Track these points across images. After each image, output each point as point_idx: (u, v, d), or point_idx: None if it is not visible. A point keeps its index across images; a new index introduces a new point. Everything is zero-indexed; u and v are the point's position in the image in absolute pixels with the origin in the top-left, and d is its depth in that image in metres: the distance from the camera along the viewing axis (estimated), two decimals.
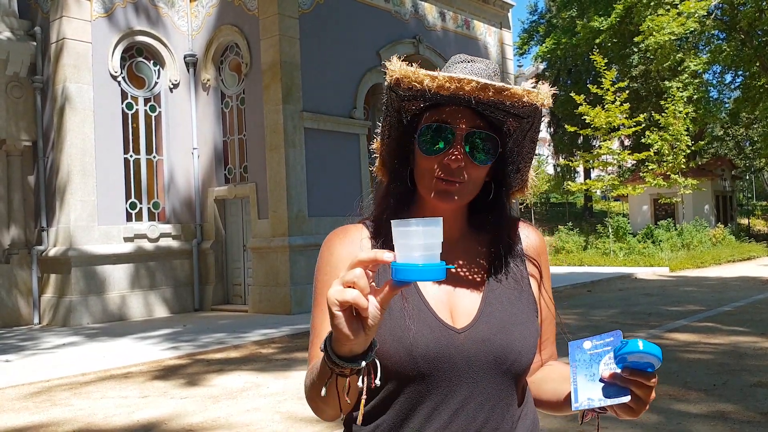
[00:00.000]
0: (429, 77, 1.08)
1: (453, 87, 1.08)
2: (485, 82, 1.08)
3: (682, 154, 24.54)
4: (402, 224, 0.91)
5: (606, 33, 27.64)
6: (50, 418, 5.41)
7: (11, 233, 11.65)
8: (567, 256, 21.99)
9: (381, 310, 0.91)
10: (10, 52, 11.34)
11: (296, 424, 4.94)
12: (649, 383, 1.01)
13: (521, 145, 1.23)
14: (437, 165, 1.15)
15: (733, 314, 9.93)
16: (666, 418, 4.79)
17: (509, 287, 1.20)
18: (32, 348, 8.86)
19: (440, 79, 1.08)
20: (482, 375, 1.13)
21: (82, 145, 11.31)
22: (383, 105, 1.22)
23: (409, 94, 1.14)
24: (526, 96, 1.08)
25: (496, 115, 1.16)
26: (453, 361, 1.12)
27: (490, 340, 1.14)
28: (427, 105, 1.19)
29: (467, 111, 1.15)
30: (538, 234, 1.32)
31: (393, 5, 13.80)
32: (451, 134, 1.15)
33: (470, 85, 1.07)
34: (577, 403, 1.05)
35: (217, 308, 12.58)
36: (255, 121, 11.97)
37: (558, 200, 45.23)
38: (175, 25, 12.89)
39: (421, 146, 1.17)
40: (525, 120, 1.18)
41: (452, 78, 1.07)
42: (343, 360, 0.94)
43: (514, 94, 1.08)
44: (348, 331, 0.90)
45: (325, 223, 11.68)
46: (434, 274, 0.89)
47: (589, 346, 1.07)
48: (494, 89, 1.07)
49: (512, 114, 1.16)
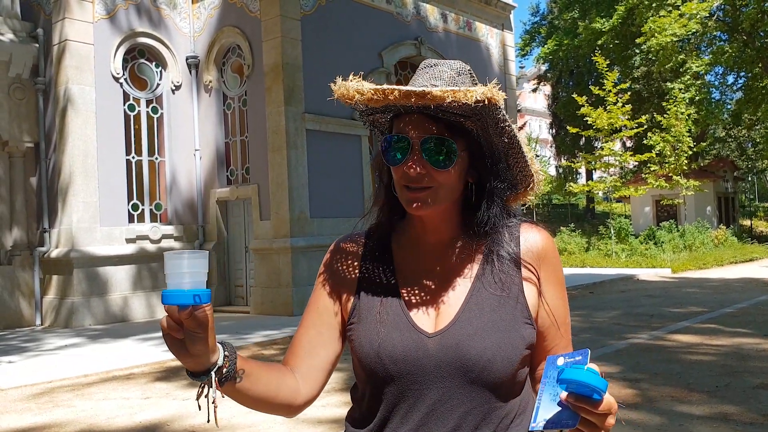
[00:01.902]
0: (358, 92, 1.12)
1: (379, 98, 1.11)
2: (406, 89, 1.08)
3: (684, 155, 24.52)
4: (172, 257, 1.01)
5: (608, 34, 27.62)
6: (53, 420, 5.42)
7: (13, 234, 11.67)
8: (569, 258, 21.97)
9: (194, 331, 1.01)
10: (12, 53, 11.36)
11: (298, 426, 4.94)
12: (595, 411, 0.96)
13: (491, 141, 1.19)
14: (401, 174, 1.17)
15: (736, 316, 9.91)
16: (668, 419, 4.78)
17: (494, 292, 1.18)
18: (34, 349, 8.87)
19: (367, 92, 1.11)
20: (452, 381, 1.13)
21: (84, 146, 11.33)
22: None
23: (364, 109, 1.18)
24: (449, 96, 1.06)
25: (449, 118, 1.14)
26: (421, 364, 1.14)
27: (460, 345, 1.13)
28: (392, 116, 1.21)
29: (422, 118, 1.15)
30: (544, 235, 1.25)
31: (395, 7, 13.81)
32: (406, 143, 1.16)
33: (393, 94, 1.09)
34: (534, 423, 1.00)
35: (219, 309, 12.57)
36: (257, 123, 11.98)
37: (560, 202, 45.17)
38: (177, 27, 12.90)
39: (385, 158, 1.19)
40: (475, 119, 1.14)
41: (377, 90, 1.10)
42: (192, 375, 1.08)
43: (434, 97, 1.07)
44: (173, 352, 1.04)
45: (327, 224, 11.68)
46: (200, 298, 0.99)
47: (561, 363, 1.02)
48: (415, 95, 1.08)
49: (457, 114, 1.12)
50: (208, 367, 1.06)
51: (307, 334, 1.27)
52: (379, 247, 1.28)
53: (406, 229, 1.28)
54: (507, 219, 1.24)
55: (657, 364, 6.67)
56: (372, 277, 1.25)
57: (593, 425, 0.98)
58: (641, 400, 5.33)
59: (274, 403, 1.21)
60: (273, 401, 1.20)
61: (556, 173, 45.42)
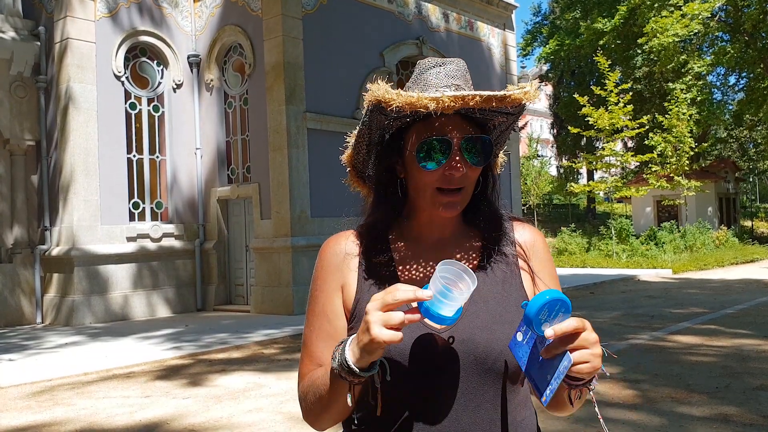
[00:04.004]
0: (434, 101, 1.10)
1: (457, 105, 1.11)
2: (488, 95, 1.11)
3: (685, 156, 24.50)
4: (450, 280, 1.01)
5: (610, 34, 27.59)
6: (53, 418, 5.42)
7: (14, 232, 11.67)
8: (570, 258, 21.96)
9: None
10: (14, 51, 11.36)
11: (298, 425, 4.94)
12: (571, 330, 0.99)
13: (504, 135, 1.28)
14: (438, 177, 1.18)
15: (736, 317, 9.91)
16: (668, 420, 4.78)
17: (497, 285, 1.21)
18: (35, 347, 8.88)
19: (445, 100, 1.10)
20: (465, 374, 1.15)
21: (86, 144, 11.33)
22: (362, 123, 1.24)
23: (398, 114, 1.16)
24: (524, 98, 1.13)
25: (485, 116, 1.19)
26: (433, 359, 1.15)
27: (471, 339, 1.15)
28: (411, 120, 1.20)
29: (456, 118, 1.18)
30: (533, 230, 1.32)
31: (396, 6, 13.81)
32: (447, 146, 1.17)
33: (474, 100, 1.10)
34: (544, 397, 1.01)
35: (220, 308, 12.58)
36: (258, 122, 11.98)
37: (561, 202, 45.18)
38: (178, 26, 12.90)
39: (421, 162, 1.18)
40: (512, 116, 1.21)
41: (456, 97, 1.10)
42: (363, 371, 1.05)
43: (513, 99, 1.12)
44: (379, 354, 1.03)
45: (327, 223, 11.68)
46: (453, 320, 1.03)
47: (521, 338, 1.06)
48: (496, 99, 1.11)
49: (501, 113, 1.19)
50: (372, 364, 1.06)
51: (326, 345, 1.23)
52: (377, 245, 1.27)
53: (405, 226, 1.29)
54: (500, 212, 1.29)
55: (657, 365, 6.67)
56: (373, 276, 1.24)
57: (586, 353, 1.00)
58: (641, 401, 5.33)
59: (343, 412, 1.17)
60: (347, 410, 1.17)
61: (557, 173, 45.41)
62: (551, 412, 1.24)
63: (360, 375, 1.04)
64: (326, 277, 1.27)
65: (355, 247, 1.28)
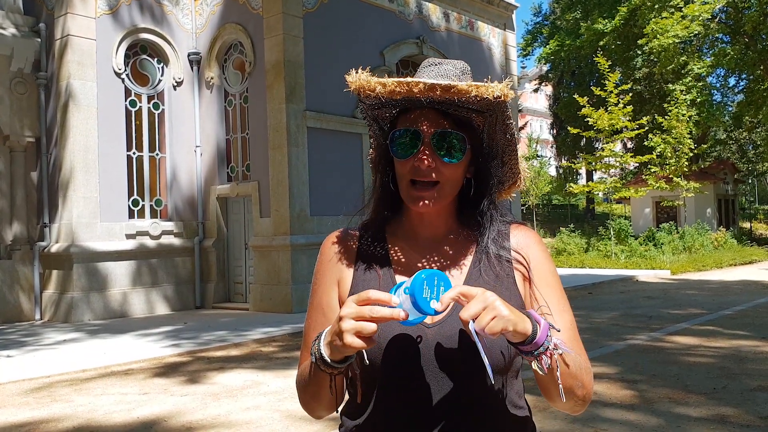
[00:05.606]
0: (381, 84, 1.13)
1: (403, 90, 1.12)
2: (432, 83, 1.10)
3: (684, 157, 24.49)
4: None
5: (610, 35, 27.59)
6: (50, 414, 5.42)
7: (13, 229, 11.67)
8: (568, 258, 21.97)
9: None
10: (14, 48, 11.36)
11: (296, 423, 4.95)
12: (455, 296, 1.02)
13: (494, 138, 1.25)
14: (410, 168, 1.19)
15: (735, 318, 9.92)
16: (666, 421, 4.79)
17: (489, 285, 1.20)
18: (33, 344, 8.88)
19: (390, 84, 1.12)
20: (451, 371, 1.16)
21: (86, 141, 11.33)
22: (362, 116, 1.28)
23: (374, 102, 1.20)
24: (474, 90, 1.10)
25: (459, 113, 1.19)
26: (420, 355, 1.16)
27: (458, 336, 1.16)
28: (398, 111, 1.23)
29: (432, 112, 1.19)
30: (531, 231, 1.32)
31: (397, 5, 13.81)
32: (417, 137, 1.18)
33: (418, 87, 1.11)
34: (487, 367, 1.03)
35: (219, 306, 12.59)
36: (258, 120, 11.98)
37: (560, 202, 45.22)
38: (179, 23, 12.90)
39: (393, 152, 1.21)
40: (487, 114, 1.20)
41: (401, 82, 1.11)
42: (338, 363, 1.08)
43: (459, 90, 1.10)
44: (353, 350, 1.04)
45: (326, 222, 11.70)
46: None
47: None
48: (441, 88, 1.10)
49: (473, 110, 1.18)
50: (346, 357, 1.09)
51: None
52: (374, 241, 1.30)
53: (401, 224, 1.31)
54: (497, 214, 1.29)
55: (655, 366, 6.68)
56: (368, 271, 1.27)
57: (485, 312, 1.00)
58: (639, 402, 5.34)
59: (331, 400, 1.21)
60: (335, 399, 1.22)
61: (557, 174, 45.43)
62: (557, 407, 1.23)
63: (335, 366, 1.08)
64: (324, 272, 1.30)
65: (354, 242, 1.31)
